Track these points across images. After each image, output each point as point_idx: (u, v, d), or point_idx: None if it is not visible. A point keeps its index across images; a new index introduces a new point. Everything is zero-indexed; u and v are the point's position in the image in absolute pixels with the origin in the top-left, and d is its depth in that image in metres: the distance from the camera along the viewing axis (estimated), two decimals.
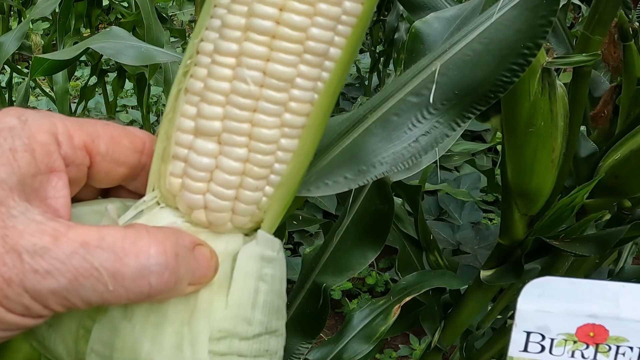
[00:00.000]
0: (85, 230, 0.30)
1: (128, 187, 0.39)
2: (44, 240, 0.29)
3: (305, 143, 0.36)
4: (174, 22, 2.47)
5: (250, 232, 0.37)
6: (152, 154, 0.37)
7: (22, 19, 1.85)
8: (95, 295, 0.30)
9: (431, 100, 0.42)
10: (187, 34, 2.23)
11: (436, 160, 0.71)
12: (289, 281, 0.44)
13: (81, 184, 0.36)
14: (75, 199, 0.36)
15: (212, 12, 0.36)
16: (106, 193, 0.40)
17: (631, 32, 0.78)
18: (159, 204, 0.37)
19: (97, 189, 0.38)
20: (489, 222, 2.27)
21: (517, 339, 0.47)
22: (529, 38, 0.41)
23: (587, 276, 1.31)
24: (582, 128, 0.79)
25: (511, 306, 1.02)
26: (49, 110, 2.78)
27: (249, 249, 0.36)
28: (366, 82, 2.93)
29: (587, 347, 0.47)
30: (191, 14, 3.20)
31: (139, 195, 0.38)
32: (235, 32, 0.34)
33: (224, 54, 0.34)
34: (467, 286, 0.87)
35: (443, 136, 0.42)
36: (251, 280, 0.36)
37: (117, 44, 0.84)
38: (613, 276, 0.92)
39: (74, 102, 2.16)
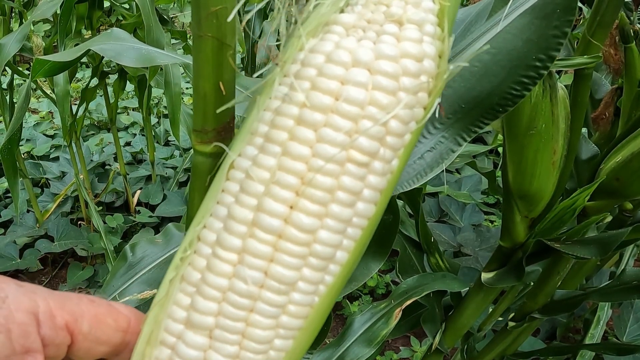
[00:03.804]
0: None
1: None
2: None
3: (300, 343, 0.35)
4: (175, 24, 2.47)
5: None
6: (136, 333, 0.36)
7: (23, 20, 1.85)
8: None
9: (437, 114, 0.41)
10: (188, 36, 2.23)
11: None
12: None
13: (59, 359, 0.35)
14: None
15: (218, 198, 0.34)
16: None
17: (632, 34, 0.78)
18: None
19: None
20: (490, 224, 2.27)
21: None
22: (541, 49, 0.39)
23: (588, 279, 1.31)
24: (584, 130, 0.79)
25: (512, 308, 1.02)
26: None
27: None
28: None
29: None
30: None
31: None
32: (241, 227, 0.32)
33: (226, 249, 0.33)
34: (468, 288, 0.87)
35: (449, 151, 0.41)
36: None
37: (118, 46, 0.84)
38: (614, 278, 0.92)
39: (75, 104, 2.16)
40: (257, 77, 0.35)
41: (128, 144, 2.82)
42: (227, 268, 0.33)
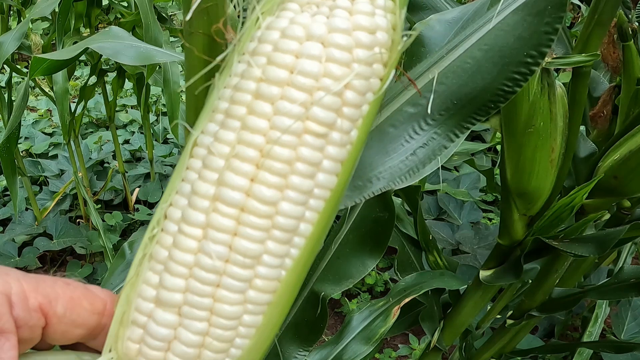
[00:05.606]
0: None
1: (87, 344, 0.38)
2: None
3: (270, 319, 0.35)
4: (174, 22, 2.46)
5: None
6: (113, 315, 0.36)
7: (22, 18, 1.85)
8: None
9: (429, 111, 0.41)
10: None
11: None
12: None
13: (35, 342, 0.34)
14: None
15: (184, 175, 0.35)
16: None
17: (630, 32, 0.78)
18: None
19: None
20: (488, 221, 2.27)
21: None
22: (533, 46, 0.39)
23: (586, 276, 1.31)
24: (582, 128, 0.79)
25: (510, 306, 1.02)
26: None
27: None
28: None
29: None
30: None
31: (97, 351, 0.37)
32: (204, 202, 0.33)
33: (190, 224, 0.33)
34: (466, 286, 0.87)
35: (441, 148, 0.41)
36: None
37: (116, 44, 0.84)
38: (612, 276, 0.92)
39: (74, 102, 2.16)
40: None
41: (127, 141, 2.82)
42: (192, 244, 0.33)
